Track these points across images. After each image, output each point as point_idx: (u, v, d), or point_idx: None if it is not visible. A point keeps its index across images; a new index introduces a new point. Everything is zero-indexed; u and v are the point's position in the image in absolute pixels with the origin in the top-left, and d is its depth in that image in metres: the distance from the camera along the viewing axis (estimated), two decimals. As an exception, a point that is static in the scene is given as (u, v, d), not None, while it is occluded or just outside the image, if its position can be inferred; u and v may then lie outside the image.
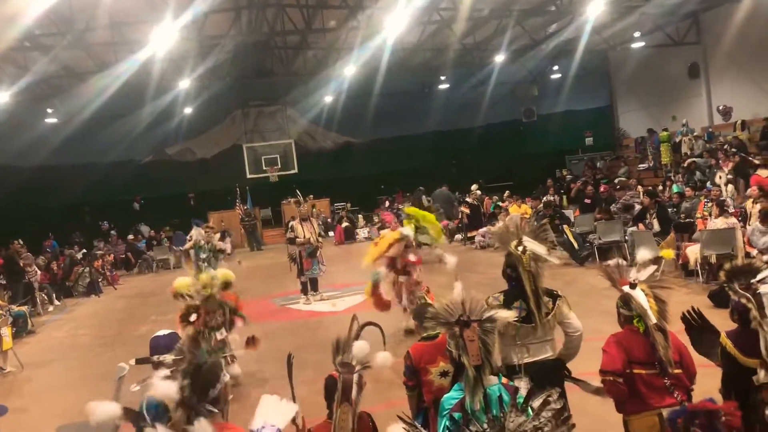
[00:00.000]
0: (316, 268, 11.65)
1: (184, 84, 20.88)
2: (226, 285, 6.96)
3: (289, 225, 11.91)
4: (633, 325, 3.93)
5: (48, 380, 8.74)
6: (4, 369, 9.10)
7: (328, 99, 24.80)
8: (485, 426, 2.97)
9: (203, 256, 11.40)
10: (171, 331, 3.87)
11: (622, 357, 3.83)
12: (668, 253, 9.61)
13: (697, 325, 4.51)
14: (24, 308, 12.31)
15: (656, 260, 4.10)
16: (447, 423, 3.02)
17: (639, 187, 16.91)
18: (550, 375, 3.77)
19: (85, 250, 19.66)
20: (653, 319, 3.82)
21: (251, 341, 5.82)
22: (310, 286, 11.62)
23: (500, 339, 4.03)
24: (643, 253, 4.16)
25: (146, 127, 22.92)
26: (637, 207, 14.05)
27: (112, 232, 22.75)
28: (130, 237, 22.23)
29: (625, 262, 4.48)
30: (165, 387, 2.83)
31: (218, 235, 12.92)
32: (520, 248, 4.17)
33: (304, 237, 11.46)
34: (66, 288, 16.64)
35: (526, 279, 4.07)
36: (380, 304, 8.54)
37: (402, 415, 3.12)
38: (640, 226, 12.13)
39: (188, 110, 23.72)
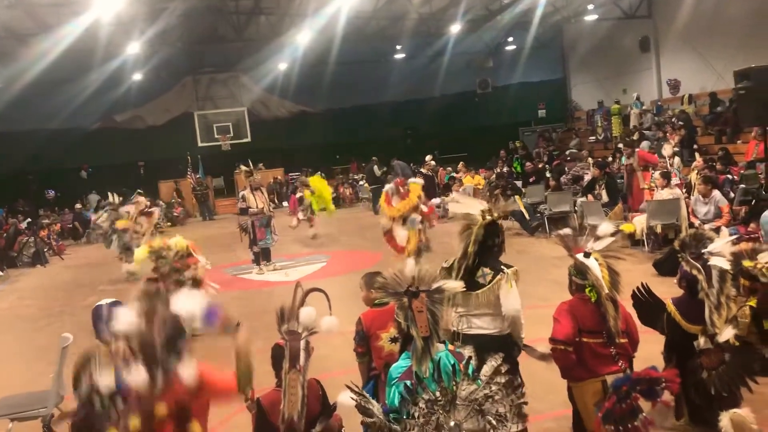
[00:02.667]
0: (269, 238, 11.55)
1: (133, 49, 20.17)
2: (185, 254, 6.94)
3: (241, 195, 11.71)
4: (584, 293, 3.98)
5: (-10, 352, 8.50)
6: (-57, 341, 8.81)
7: (283, 67, 24.37)
8: (437, 394, 3.00)
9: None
10: (114, 300, 3.78)
11: (573, 326, 3.89)
12: (629, 227, 9.76)
13: (644, 300, 4.65)
14: (-35, 278, 11.93)
15: (614, 233, 4.12)
16: (401, 390, 3.03)
17: (589, 159, 17.20)
18: (493, 349, 3.68)
19: (30, 219, 19.07)
20: (606, 289, 3.88)
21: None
22: (263, 256, 11.52)
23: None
24: (605, 226, 4.21)
25: (94, 93, 22.08)
26: (587, 178, 14.33)
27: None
28: (78, 206, 21.63)
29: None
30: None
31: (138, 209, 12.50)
32: (487, 216, 4.02)
33: (257, 207, 11.32)
34: (9, 258, 16.11)
35: (470, 242, 3.98)
36: (397, 248, 9.07)
37: (350, 384, 3.13)
38: (590, 197, 12.36)
39: (137, 76, 23.00)
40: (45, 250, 16.69)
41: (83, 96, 21.91)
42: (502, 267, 3.97)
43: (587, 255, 3.97)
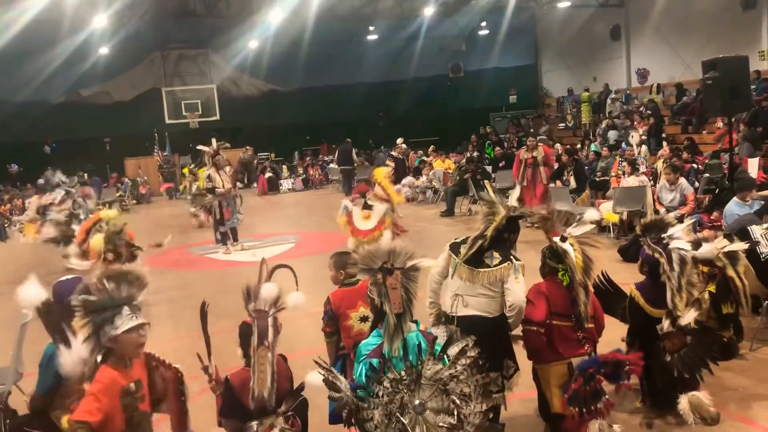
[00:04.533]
0: (235, 218, 11.43)
1: (100, 21, 19.69)
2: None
3: (206, 174, 11.51)
4: (557, 277, 4.02)
5: (-54, 328, 8.28)
6: None
7: (254, 45, 24.04)
8: (402, 373, 3.00)
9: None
10: (75, 276, 3.70)
11: (545, 308, 3.93)
12: (612, 216, 9.80)
13: (604, 288, 4.72)
14: None
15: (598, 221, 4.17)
16: (365, 369, 3.03)
17: (558, 145, 17.33)
18: (485, 332, 3.67)
19: (-10, 194, 18.62)
20: (579, 274, 3.92)
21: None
22: (231, 235, 11.40)
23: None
24: (590, 213, 4.25)
25: (59, 67, 21.52)
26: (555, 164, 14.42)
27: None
28: (41, 181, 21.10)
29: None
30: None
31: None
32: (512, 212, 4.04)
33: (224, 186, 11.18)
34: (-32, 233, 15.74)
35: (491, 227, 3.97)
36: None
37: (318, 360, 3.11)
38: (558, 182, 12.47)
39: (104, 50, 22.44)
40: (5, 225, 16.31)
41: (49, 69, 21.38)
42: (512, 257, 3.96)
43: (563, 239, 4.00)
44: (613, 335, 4.50)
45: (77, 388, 3.42)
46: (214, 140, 11.89)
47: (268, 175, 22.66)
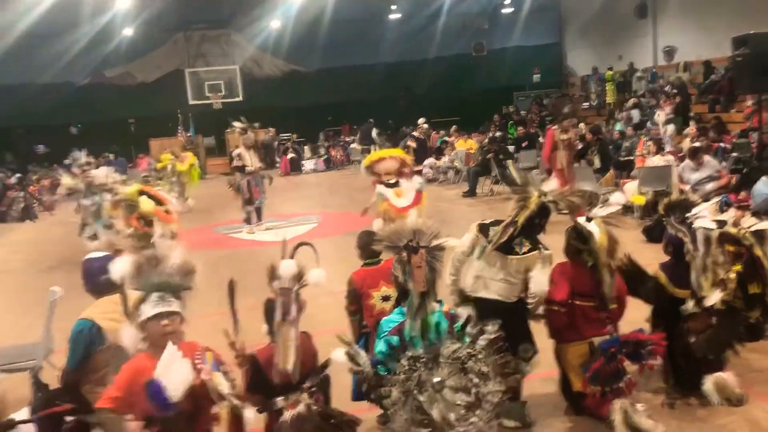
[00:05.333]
0: (263, 198, 11.53)
1: (124, 2, 19.80)
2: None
3: (236, 153, 11.57)
4: (581, 257, 4.00)
5: (-21, 305, 8.49)
6: (-68, 294, 8.78)
7: (276, 25, 23.99)
8: (421, 352, 3.03)
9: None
10: (106, 254, 3.76)
11: (568, 288, 3.92)
12: (639, 199, 9.70)
13: (628, 269, 4.68)
14: (-47, 233, 11.85)
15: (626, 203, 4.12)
16: (383, 347, 3.05)
17: (582, 124, 17.13)
18: (503, 317, 3.58)
19: (19, 174, 18.89)
20: (604, 255, 3.89)
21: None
22: (256, 215, 11.48)
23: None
24: (616, 197, 4.22)
25: (84, 48, 21.79)
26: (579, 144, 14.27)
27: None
28: (67, 161, 21.39)
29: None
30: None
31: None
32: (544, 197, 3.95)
33: (253, 166, 11.25)
34: (-1, 213, 16.03)
35: (523, 214, 3.90)
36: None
37: (341, 335, 3.15)
38: (582, 162, 12.34)
39: (128, 31, 22.58)
40: (34, 205, 16.59)
41: (73, 50, 21.64)
42: (541, 246, 3.93)
43: (589, 220, 3.97)
44: (637, 316, 4.47)
45: (105, 364, 3.51)
46: (243, 118, 11.90)
47: (290, 155, 22.71)
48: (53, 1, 18.22)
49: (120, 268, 3.06)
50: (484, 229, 4.00)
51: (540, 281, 3.88)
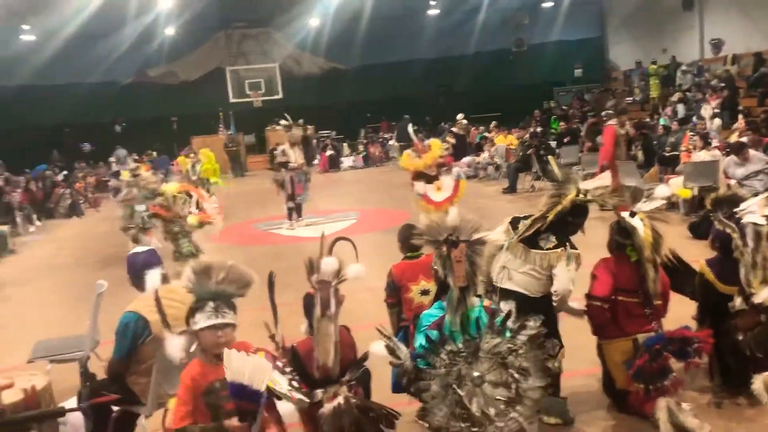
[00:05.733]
0: (306, 194, 11.62)
1: (166, 2, 20.17)
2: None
3: (280, 149, 11.64)
4: (624, 253, 3.93)
5: (29, 298, 8.75)
6: (-17, 287, 9.08)
7: (315, 23, 24.13)
8: (460, 346, 3.00)
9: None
10: (149, 248, 3.83)
11: (611, 283, 3.87)
12: (685, 192, 9.51)
13: (672, 265, 4.57)
14: (4, 228, 12.23)
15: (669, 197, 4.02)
16: (422, 341, 3.04)
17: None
18: (527, 310, 3.52)
19: (66, 172, 19.39)
20: (648, 251, 3.81)
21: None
22: (296, 211, 11.57)
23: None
24: (661, 189, 4.14)
25: (128, 48, 22.30)
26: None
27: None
28: (111, 159, 21.91)
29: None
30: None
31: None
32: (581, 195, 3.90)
33: (296, 162, 11.34)
34: (47, 209, 16.48)
35: (553, 210, 3.87)
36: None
37: (380, 328, 3.14)
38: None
39: (170, 31, 23.00)
40: (81, 201, 17.02)
41: (118, 51, 22.18)
42: (568, 243, 3.87)
43: (633, 214, 3.89)
44: (683, 312, 4.38)
45: (149, 356, 3.57)
46: (287, 115, 12.00)
47: (329, 152, 22.83)
48: (99, 3, 18.67)
49: (154, 279, 3.15)
50: (515, 221, 3.99)
51: (562, 279, 3.81)
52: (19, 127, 21.89)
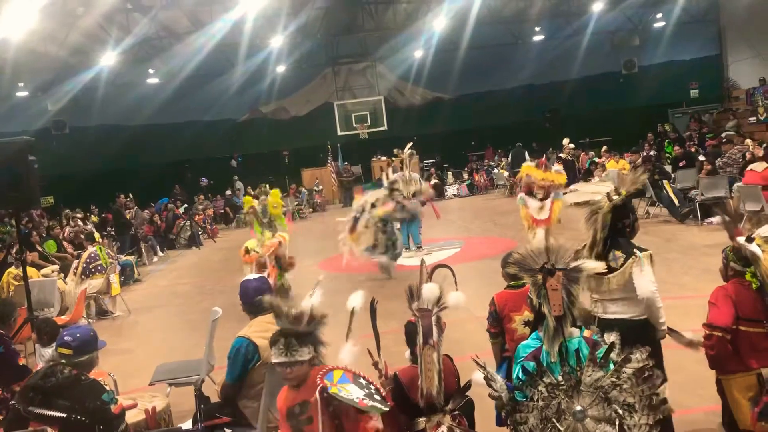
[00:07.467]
0: (419, 223, 11.76)
1: (276, 42, 21.18)
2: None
3: (392, 179, 11.82)
4: (744, 279, 3.68)
5: (153, 324, 9.31)
6: (113, 313, 9.74)
7: (418, 54, 24.50)
8: (559, 378, 2.90)
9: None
10: (260, 275, 3.99)
11: (732, 312, 3.59)
12: None
13: None
14: (131, 258, 13.12)
15: None
16: (519, 373, 2.97)
17: (748, 140, 15.84)
18: (631, 336, 3.35)
19: (186, 205, 20.58)
20: None
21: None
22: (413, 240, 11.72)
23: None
24: None
25: (241, 86, 23.62)
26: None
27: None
28: (228, 192, 23.05)
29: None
30: None
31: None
32: (614, 196, 3.82)
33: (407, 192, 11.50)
34: (169, 240, 17.54)
35: (598, 228, 3.74)
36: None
37: (476, 359, 3.10)
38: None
39: (280, 69, 24.09)
40: (200, 233, 17.98)
41: (232, 89, 23.51)
42: (635, 250, 3.70)
43: (750, 240, 3.65)
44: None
45: (259, 380, 3.70)
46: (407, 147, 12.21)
47: (433, 181, 22.90)
48: (214, 46, 19.90)
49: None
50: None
51: (641, 284, 3.62)
52: (145, 163, 23.51)
